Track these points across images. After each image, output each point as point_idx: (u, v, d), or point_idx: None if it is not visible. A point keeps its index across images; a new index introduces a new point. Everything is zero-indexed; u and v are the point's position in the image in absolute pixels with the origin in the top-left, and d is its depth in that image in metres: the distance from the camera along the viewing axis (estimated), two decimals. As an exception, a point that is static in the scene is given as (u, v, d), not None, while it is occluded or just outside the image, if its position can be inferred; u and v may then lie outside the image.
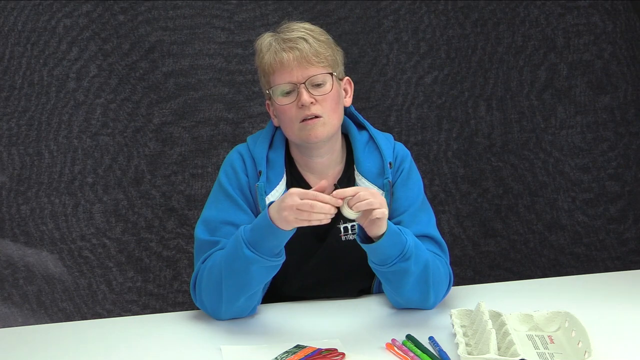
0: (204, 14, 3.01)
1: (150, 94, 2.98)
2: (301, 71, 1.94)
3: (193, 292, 1.98)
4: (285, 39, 1.96)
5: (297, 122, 1.96)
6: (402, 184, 2.07)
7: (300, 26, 1.99)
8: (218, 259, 1.91)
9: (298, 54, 1.94)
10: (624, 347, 1.78)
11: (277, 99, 1.97)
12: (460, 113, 3.20)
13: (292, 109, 1.96)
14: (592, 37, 3.22)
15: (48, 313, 2.90)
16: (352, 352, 1.76)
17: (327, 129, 1.98)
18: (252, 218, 1.99)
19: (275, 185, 2.01)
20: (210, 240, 1.98)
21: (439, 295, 2.00)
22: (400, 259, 1.87)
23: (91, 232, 2.96)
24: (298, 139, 2.00)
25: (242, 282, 1.88)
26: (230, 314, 1.94)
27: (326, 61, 1.97)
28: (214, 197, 2.05)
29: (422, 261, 1.91)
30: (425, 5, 3.15)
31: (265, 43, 1.99)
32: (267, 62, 1.97)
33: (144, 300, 3.00)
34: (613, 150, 3.26)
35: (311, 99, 1.94)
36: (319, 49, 1.96)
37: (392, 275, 1.91)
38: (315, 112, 1.95)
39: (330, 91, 1.97)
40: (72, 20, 2.91)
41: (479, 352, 1.68)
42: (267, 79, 2.00)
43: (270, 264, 1.86)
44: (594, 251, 3.27)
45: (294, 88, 1.95)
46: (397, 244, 1.86)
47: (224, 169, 2.06)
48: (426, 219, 2.07)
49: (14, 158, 2.89)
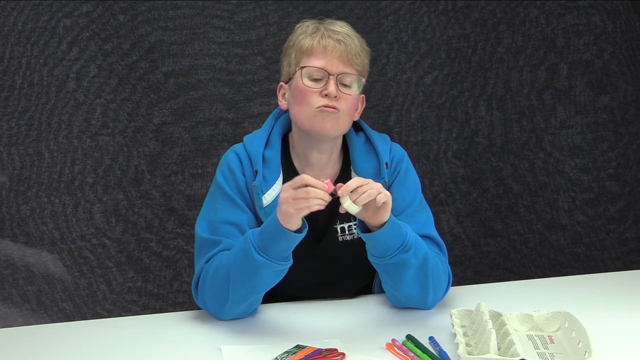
0: (204, 14, 3.01)
1: (150, 94, 2.98)
2: (339, 64, 1.97)
3: (195, 291, 1.98)
4: (334, 31, 1.99)
5: (314, 108, 1.96)
6: (400, 184, 2.07)
7: (345, 26, 2.03)
8: (225, 261, 1.91)
9: (344, 48, 1.97)
10: (624, 347, 1.78)
11: (303, 79, 1.98)
12: (460, 113, 3.20)
13: (314, 93, 1.97)
14: (592, 37, 3.22)
15: (48, 313, 2.90)
16: (352, 352, 1.76)
17: (338, 126, 1.99)
18: (250, 217, 1.99)
19: (272, 184, 2.01)
20: (211, 239, 1.97)
21: (438, 294, 2.00)
22: (400, 250, 1.87)
23: (91, 232, 2.96)
24: (308, 125, 1.99)
25: (250, 286, 1.88)
26: (232, 315, 1.94)
27: (362, 67, 2.01)
28: (211, 197, 2.05)
29: (422, 254, 1.92)
30: (425, 5, 3.15)
31: (311, 27, 2.02)
32: (309, 43, 1.99)
33: (144, 300, 2.99)
34: (613, 150, 3.26)
35: (338, 92, 1.96)
36: (361, 53, 2.00)
37: (391, 268, 1.91)
38: (337, 104, 1.96)
39: (354, 95, 1.99)
40: (72, 20, 2.91)
41: (479, 352, 1.68)
42: (300, 58, 2.00)
43: (279, 268, 1.86)
44: (594, 251, 3.27)
45: (325, 76, 1.96)
46: (398, 235, 1.87)
47: (220, 169, 2.06)
48: (424, 219, 2.07)
49: (14, 158, 2.89)
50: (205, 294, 1.95)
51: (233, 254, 1.89)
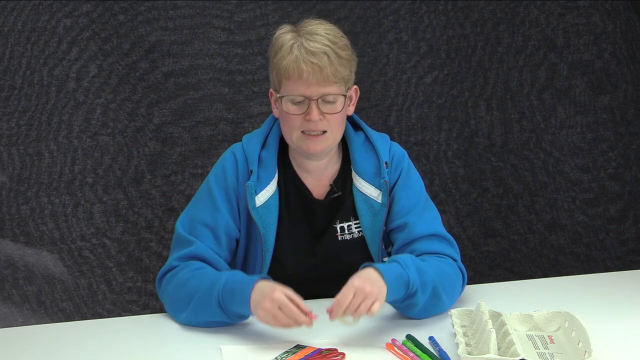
0: (204, 14, 3.01)
1: (150, 94, 2.98)
2: (317, 88, 1.92)
3: (159, 284, 2.01)
4: (308, 50, 1.92)
5: (299, 131, 1.96)
6: (403, 183, 2.07)
7: (324, 34, 1.95)
8: (193, 284, 1.92)
9: (318, 72, 1.91)
10: (624, 347, 1.78)
11: (285, 104, 1.96)
12: (460, 113, 3.20)
13: (298, 118, 1.95)
14: (592, 37, 3.22)
15: (48, 313, 2.90)
16: (352, 352, 1.76)
17: (329, 143, 1.99)
18: (228, 220, 2.01)
19: (265, 184, 2.02)
20: (186, 238, 2.00)
21: (453, 298, 2.00)
22: (406, 297, 1.89)
23: (91, 232, 2.96)
24: (296, 146, 2.00)
25: (204, 321, 1.91)
26: (188, 324, 1.96)
27: (343, 80, 1.95)
28: (199, 193, 2.08)
29: (430, 288, 1.91)
30: (425, 5, 3.15)
31: (287, 45, 1.94)
32: (285, 67, 1.93)
33: (144, 300, 3.00)
34: (613, 150, 3.26)
35: (320, 115, 1.94)
36: (339, 68, 1.93)
37: (403, 309, 1.94)
38: (321, 127, 1.95)
39: (340, 110, 1.96)
40: (72, 20, 2.91)
41: (479, 352, 1.68)
42: (280, 79, 1.97)
43: (235, 322, 1.90)
44: (594, 251, 3.27)
45: (306, 100, 1.94)
46: (400, 288, 1.86)
47: (214, 168, 2.08)
48: (432, 217, 2.07)
49: (14, 158, 2.89)
50: (166, 294, 1.98)
51: (202, 285, 1.90)
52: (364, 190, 2.05)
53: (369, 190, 2.04)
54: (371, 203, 2.04)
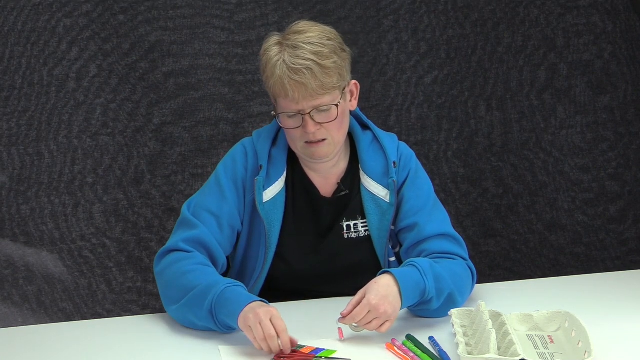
0: (204, 14, 3.01)
1: (150, 94, 2.98)
2: (306, 102, 1.92)
3: (158, 261, 2.00)
4: (290, 68, 1.90)
5: (302, 142, 1.98)
6: (412, 183, 2.07)
7: (307, 47, 1.91)
8: (192, 277, 1.91)
9: (303, 89, 1.90)
10: (624, 347, 1.78)
11: (282, 119, 1.97)
12: (460, 113, 3.20)
13: (297, 131, 1.96)
14: (592, 37, 3.22)
15: (48, 313, 2.90)
16: (352, 352, 1.76)
17: (332, 148, 1.99)
18: (233, 211, 2.02)
19: (274, 181, 2.03)
20: (191, 220, 2.01)
21: (465, 297, 2.01)
22: (421, 303, 1.90)
23: (91, 232, 2.96)
24: (301, 155, 2.02)
25: (191, 321, 1.90)
26: (177, 320, 1.96)
27: (332, 88, 1.94)
28: (208, 182, 2.09)
29: (445, 294, 1.92)
30: (425, 5, 3.15)
31: (271, 63, 1.94)
32: (272, 87, 1.95)
33: (144, 300, 2.99)
34: (613, 150, 3.26)
35: (317, 126, 1.94)
36: (324, 81, 1.91)
37: (414, 310, 1.95)
38: (320, 136, 1.96)
39: (335, 117, 1.95)
40: (72, 20, 2.91)
41: (479, 352, 1.68)
42: (273, 96, 1.98)
43: (221, 330, 1.88)
44: (594, 251, 3.27)
45: (299, 114, 1.94)
46: (415, 295, 1.87)
47: (224, 159, 2.09)
48: (441, 217, 2.08)
49: (14, 158, 2.89)
50: (164, 277, 1.96)
51: (201, 283, 1.89)
52: (372, 189, 2.05)
53: (377, 189, 2.05)
54: (379, 202, 2.04)
